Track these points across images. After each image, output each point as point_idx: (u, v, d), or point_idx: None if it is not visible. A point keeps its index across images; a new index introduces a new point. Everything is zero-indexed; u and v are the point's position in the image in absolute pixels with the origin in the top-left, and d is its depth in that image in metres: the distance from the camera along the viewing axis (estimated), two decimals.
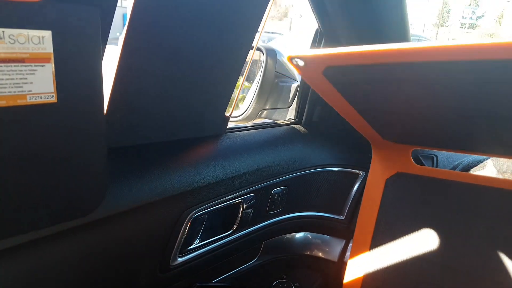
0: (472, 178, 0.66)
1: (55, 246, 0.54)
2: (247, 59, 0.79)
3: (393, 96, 0.52)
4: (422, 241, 0.69)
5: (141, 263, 0.68)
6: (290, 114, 1.11)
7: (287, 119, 1.10)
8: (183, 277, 0.78)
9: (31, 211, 0.48)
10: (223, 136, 0.85)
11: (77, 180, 0.51)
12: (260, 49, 1.27)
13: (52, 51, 0.43)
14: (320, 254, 1.03)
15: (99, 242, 0.59)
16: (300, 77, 1.06)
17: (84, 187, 0.53)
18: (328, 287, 1.06)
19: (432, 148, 0.72)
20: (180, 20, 0.61)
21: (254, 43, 0.78)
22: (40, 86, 0.43)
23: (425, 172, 0.71)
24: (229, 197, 0.78)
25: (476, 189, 0.65)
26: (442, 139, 0.66)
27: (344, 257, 1.00)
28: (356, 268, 0.75)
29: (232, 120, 1.26)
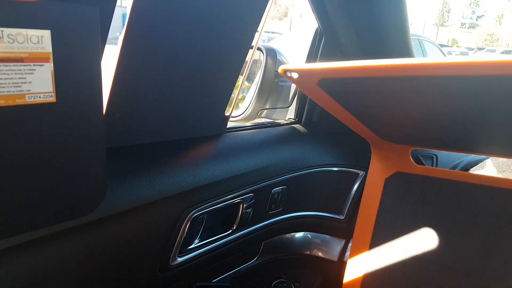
0: (472, 178, 0.66)
1: (55, 246, 0.54)
2: (247, 59, 0.78)
3: (390, 103, 0.52)
4: (422, 241, 0.69)
5: (141, 263, 0.68)
6: (290, 114, 1.11)
7: (287, 119, 1.10)
8: (183, 277, 0.78)
9: (30, 211, 0.48)
10: (223, 136, 0.85)
11: (76, 180, 0.51)
12: (260, 49, 1.27)
13: (51, 51, 0.43)
14: (320, 254, 1.03)
15: (99, 242, 0.59)
16: None
17: (84, 187, 0.53)
18: (328, 287, 1.06)
19: (431, 148, 0.72)
20: (179, 20, 0.61)
21: (254, 43, 0.78)
22: (39, 86, 0.43)
23: (425, 172, 0.71)
24: (229, 197, 0.78)
25: (476, 189, 0.65)
26: (441, 140, 0.66)
27: (344, 257, 1.00)
28: (356, 268, 0.75)
29: (232, 120, 1.26)
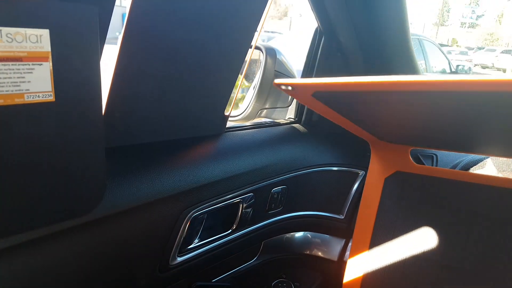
0: (472, 177, 0.66)
1: (55, 246, 0.54)
2: (246, 58, 0.78)
3: (386, 111, 0.53)
4: (422, 240, 0.69)
5: (141, 263, 0.68)
6: (290, 114, 1.11)
7: (287, 119, 1.10)
8: (183, 277, 0.78)
9: (30, 210, 0.48)
10: (222, 136, 0.85)
11: (76, 179, 0.51)
12: (260, 48, 1.27)
13: (50, 50, 0.42)
14: (320, 254, 1.03)
15: (98, 242, 0.59)
16: (300, 76, 1.06)
17: (83, 187, 0.53)
18: (328, 287, 1.06)
19: (431, 148, 0.72)
20: (179, 19, 0.61)
21: (253, 42, 0.78)
22: (38, 85, 0.43)
23: (424, 171, 0.71)
24: (229, 197, 0.78)
25: (476, 188, 0.65)
26: (441, 140, 0.66)
27: (344, 257, 1.00)
28: (356, 267, 0.75)
29: (232, 120, 1.26)
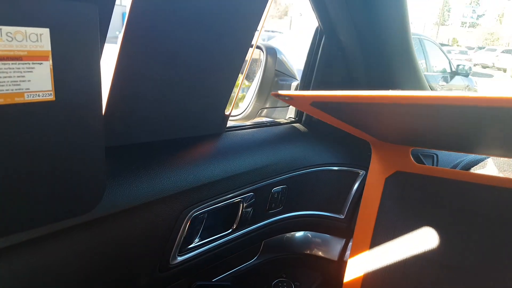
0: (473, 177, 0.66)
1: (54, 245, 0.54)
2: (247, 58, 0.78)
3: (385, 117, 0.53)
4: (422, 240, 0.69)
5: (141, 262, 0.68)
6: (290, 113, 1.11)
7: (287, 118, 1.10)
8: (183, 276, 0.78)
9: (29, 209, 0.48)
10: (223, 135, 0.85)
11: (75, 179, 0.51)
12: (260, 48, 1.27)
13: (50, 49, 0.42)
14: (320, 253, 1.03)
15: (98, 241, 0.59)
16: (300, 76, 1.06)
17: (83, 186, 0.53)
18: (328, 286, 1.06)
19: (432, 148, 0.72)
20: (179, 19, 0.61)
21: (254, 42, 0.77)
22: (38, 84, 0.43)
23: (425, 171, 0.70)
24: (229, 196, 0.78)
25: (477, 188, 0.65)
26: (441, 141, 0.66)
27: (344, 256, 1.00)
28: (356, 267, 0.75)
29: (232, 119, 1.25)
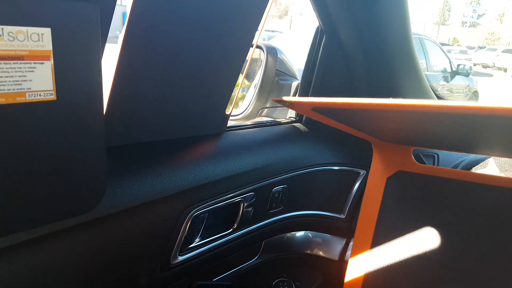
0: (474, 177, 0.66)
1: (55, 244, 0.54)
2: (247, 57, 0.78)
3: (386, 121, 0.53)
4: (424, 240, 0.69)
5: (142, 262, 0.68)
6: (291, 113, 1.11)
7: (288, 118, 1.10)
8: (184, 276, 0.78)
9: (30, 209, 0.48)
10: (223, 135, 0.85)
11: (76, 178, 0.51)
12: (261, 47, 1.27)
13: (52, 49, 0.42)
14: (321, 253, 1.03)
15: (99, 241, 0.59)
16: (301, 75, 1.06)
17: (83, 185, 0.53)
18: (329, 286, 1.06)
19: (433, 148, 0.72)
20: (180, 19, 0.61)
21: (254, 41, 0.77)
22: (39, 84, 0.43)
23: (426, 171, 0.70)
24: (230, 196, 0.78)
25: (478, 188, 0.65)
26: (443, 141, 0.66)
27: (345, 256, 1.00)
28: (357, 267, 0.75)
29: (233, 119, 1.25)
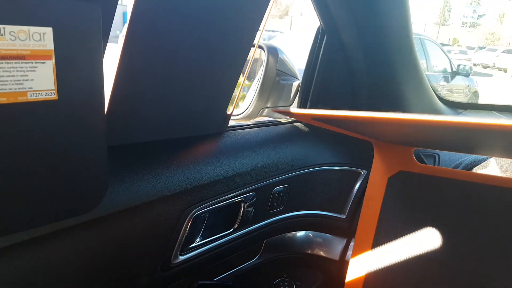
0: (475, 177, 0.66)
1: (56, 244, 0.54)
2: (248, 57, 0.78)
3: (384, 128, 0.53)
4: (425, 240, 0.69)
5: (142, 261, 0.68)
6: None
7: (289, 118, 1.10)
8: (184, 276, 0.78)
9: (31, 209, 0.48)
10: (224, 135, 0.85)
11: (77, 178, 0.51)
12: (262, 47, 1.26)
13: (53, 48, 0.42)
14: (321, 253, 1.03)
15: (100, 241, 0.59)
16: (302, 75, 1.05)
17: (84, 185, 0.53)
18: (329, 286, 1.06)
19: (434, 149, 0.72)
20: (182, 18, 0.61)
21: (256, 41, 0.77)
22: (41, 83, 0.43)
23: (428, 171, 0.70)
24: (230, 196, 0.78)
25: (479, 188, 0.65)
26: (443, 143, 0.66)
27: (346, 256, 1.00)
28: (358, 267, 0.75)
29: (233, 119, 1.25)
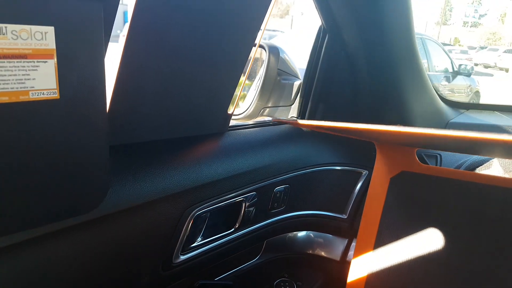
0: (478, 177, 0.65)
1: (57, 244, 0.54)
2: (249, 57, 0.78)
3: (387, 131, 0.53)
4: (427, 241, 0.68)
5: (144, 261, 0.68)
6: (293, 112, 1.10)
7: (290, 117, 1.09)
8: (186, 275, 0.78)
9: (33, 208, 0.48)
10: (225, 134, 0.84)
11: (79, 177, 0.51)
12: (263, 47, 1.26)
13: (55, 47, 0.42)
14: (322, 253, 1.03)
15: (101, 240, 0.59)
16: (303, 75, 1.05)
17: (86, 185, 0.53)
18: (330, 286, 1.06)
19: (436, 149, 0.71)
20: (183, 18, 0.61)
21: (257, 41, 0.77)
22: (43, 83, 0.43)
23: (430, 171, 0.70)
24: (231, 195, 0.78)
25: (482, 188, 0.64)
26: (447, 144, 0.65)
27: (347, 256, 1.00)
28: (360, 267, 0.75)
29: (234, 118, 1.25)
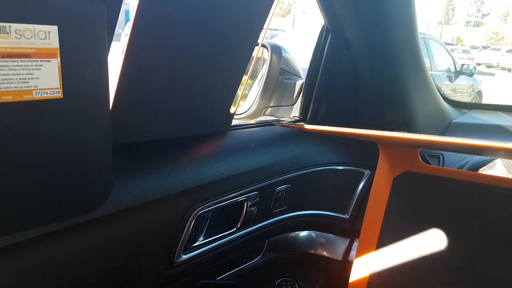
0: (482, 178, 0.65)
1: (61, 242, 0.54)
2: (252, 56, 0.78)
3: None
4: (430, 241, 0.68)
5: (146, 260, 0.68)
6: (295, 112, 1.10)
7: (292, 117, 1.09)
8: (187, 274, 0.78)
9: (37, 207, 0.48)
10: (227, 134, 0.84)
11: (82, 177, 0.51)
12: (265, 46, 1.26)
13: (58, 47, 0.42)
14: (324, 253, 1.03)
15: (104, 239, 0.59)
16: (306, 74, 1.05)
17: (89, 184, 0.53)
18: (332, 286, 1.06)
19: (440, 150, 0.71)
20: (186, 17, 0.61)
21: (259, 40, 0.77)
22: (46, 82, 0.43)
23: (434, 171, 0.70)
24: (233, 195, 0.78)
25: (485, 189, 0.64)
26: (450, 144, 0.65)
27: (348, 256, 0.99)
28: (362, 267, 0.75)
29: (236, 118, 1.25)
